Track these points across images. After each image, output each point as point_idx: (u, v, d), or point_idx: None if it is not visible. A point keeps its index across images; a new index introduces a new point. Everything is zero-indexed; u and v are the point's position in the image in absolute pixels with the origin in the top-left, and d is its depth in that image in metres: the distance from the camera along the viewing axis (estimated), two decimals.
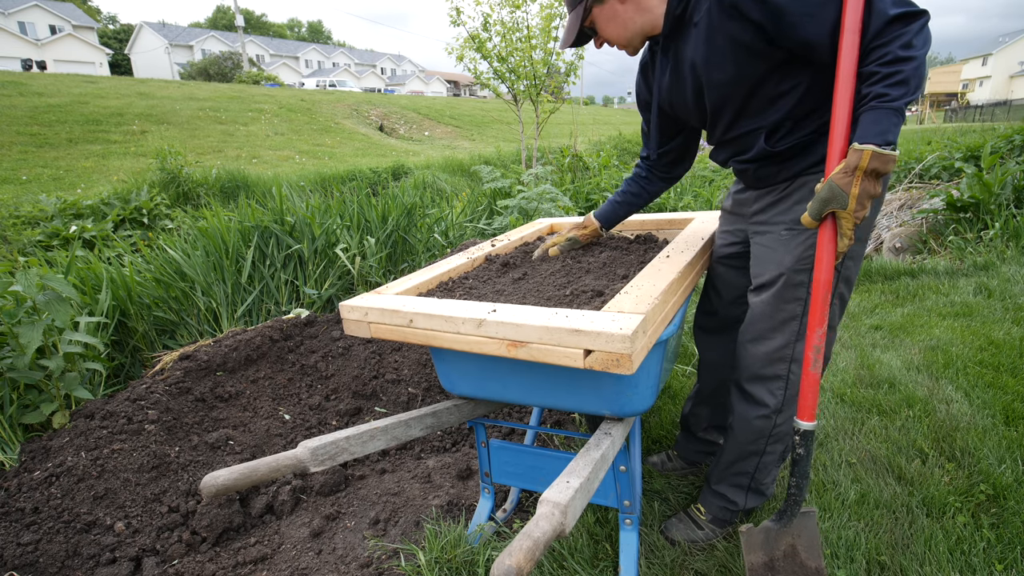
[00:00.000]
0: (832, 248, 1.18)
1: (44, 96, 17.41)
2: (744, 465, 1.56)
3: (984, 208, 4.78)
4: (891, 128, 1.08)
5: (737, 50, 1.25)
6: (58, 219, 7.96)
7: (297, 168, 14.33)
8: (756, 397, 1.47)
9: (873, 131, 1.08)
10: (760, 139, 1.35)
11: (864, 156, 1.07)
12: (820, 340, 1.22)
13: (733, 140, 1.43)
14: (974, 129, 14.39)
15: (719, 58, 1.28)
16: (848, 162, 1.10)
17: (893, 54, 1.08)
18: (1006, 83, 54.72)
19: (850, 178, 1.10)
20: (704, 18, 1.26)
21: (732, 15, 1.22)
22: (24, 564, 1.66)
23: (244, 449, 2.23)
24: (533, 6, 9.32)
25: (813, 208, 1.16)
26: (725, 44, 1.25)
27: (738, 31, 1.23)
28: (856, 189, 1.10)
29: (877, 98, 1.09)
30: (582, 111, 35.49)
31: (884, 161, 1.07)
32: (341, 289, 3.52)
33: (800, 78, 1.28)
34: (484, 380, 1.43)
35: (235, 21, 45.15)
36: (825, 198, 1.14)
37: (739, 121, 1.38)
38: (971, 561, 1.49)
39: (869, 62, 1.12)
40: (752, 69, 1.27)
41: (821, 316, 1.21)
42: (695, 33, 1.30)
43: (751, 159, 1.41)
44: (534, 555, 0.81)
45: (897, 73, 1.08)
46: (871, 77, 1.11)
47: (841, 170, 1.12)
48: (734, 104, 1.34)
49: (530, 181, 6.47)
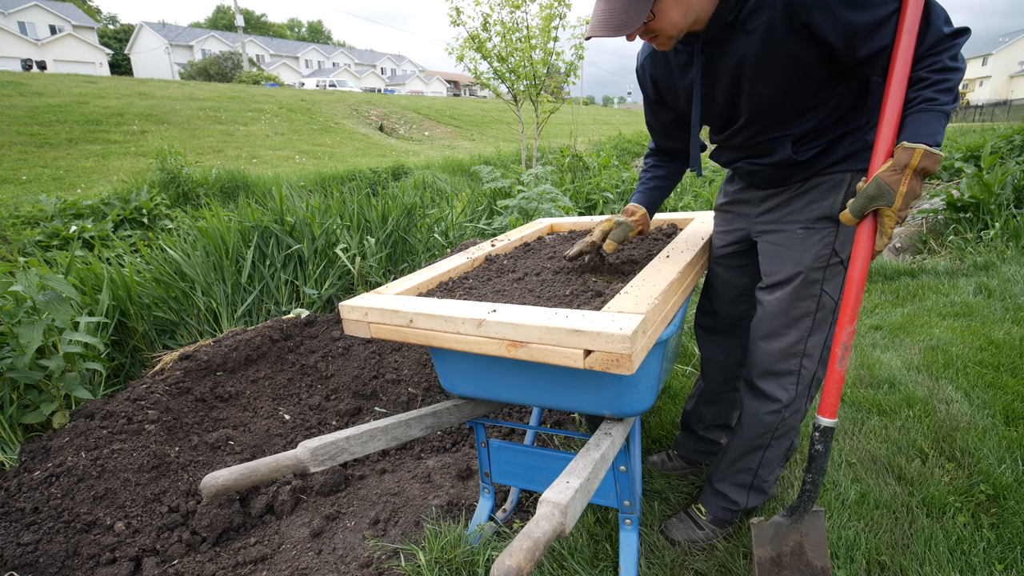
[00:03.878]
0: (870, 246, 1.18)
1: (44, 96, 17.41)
2: (748, 461, 1.56)
3: (984, 208, 4.78)
4: (940, 130, 1.11)
5: (793, 66, 1.23)
6: (58, 219, 7.96)
7: (297, 168, 14.33)
8: (768, 393, 1.47)
9: (924, 131, 1.10)
10: (787, 146, 1.34)
11: (916, 154, 1.09)
12: (849, 338, 1.22)
13: (753, 145, 1.41)
14: (974, 129, 14.39)
15: (771, 71, 1.25)
16: (898, 160, 1.11)
17: (943, 63, 1.12)
18: (1006, 83, 54.75)
19: (899, 176, 1.11)
20: (763, 29, 1.21)
21: (800, 33, 1.19)
22: (24, 564, 1.66)
23: (244, 449, 2.23)
24: (533, 6, 9.31)
25: (857, 205, 1.16)
26: (781, 59, 1.23)
27: (801, 49, 1.20)
28: (904, 187, 1.11)
29: (927, 101, 1.12)
30: (582, 111, 35.49)
31: (934, 161, 1.09)
32: (341, 289, 3.52)
33: (836, 91, 1.28)
34: (484, 380, 1.43)
35: (235, 21, 45.18)
36: (872, 195, 1.14)
37: (768, 129, 1.36)
38: (971, 561, 1.49)
39: (919, 68, 1.14)
40: (799, 83, 1.26)
41: (852, 314, 1.21)
42: (746, 42, 1.24)
43: (770, 163, 1.39)
44: (534, 555, 0.81)
45: (946, 81, 1.12)
46: (921, 82, 1.14)
47: (890, 168, 1.12)
48: (771, 114, 1.33)
49: (530, 181, 6.47)
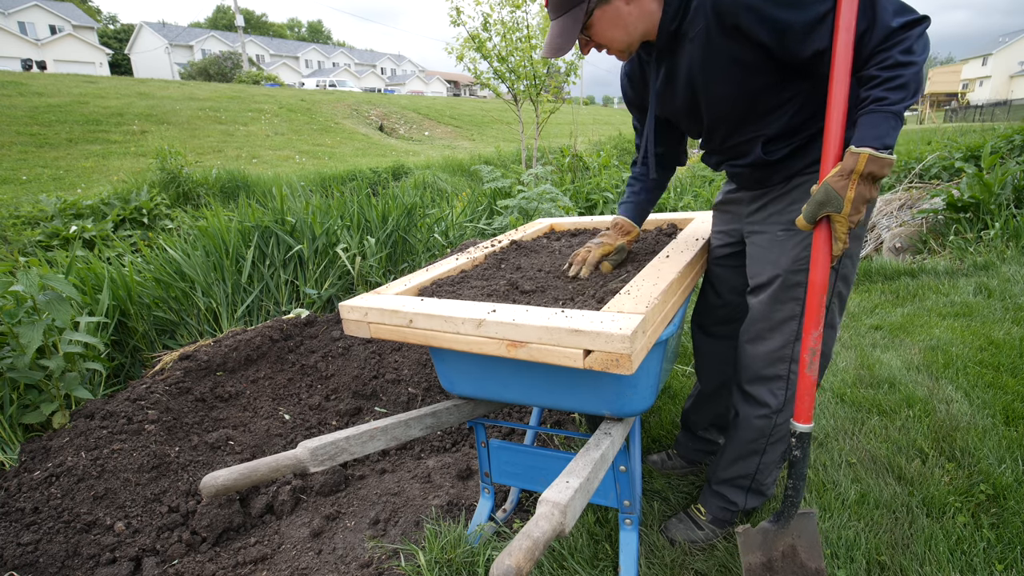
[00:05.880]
0: (827, 251, 1.17)
1: (44, 96, 17.41)
2: (745, 465, 1.56)
3: (984, 208, 4.78)
4: (889, 132, 1.06)
5: (738, 68, 1.23)
6: (58, 219, 7.97)
7: (297, 168, 14.33)
8: (757, 397, 1.46)
9: (871, 135, 1.07)
10: (757, 147, 1.34)
11: (860, 160, 1.06)
12: (816, 343, 1.21)
13: (729, 148, 1.42)
14: (974, 129, 14.39)
15: (719, 75, 1.26)
16: (844, 165, 1.09)
17: (893, 59, 1.07)
18: (1006, 83, 54.69)
19: (846, 181, 1.08)
20: (701, 35, 1.22)
21: (733, 35, 1.19)
22: (24, 564, 1.66)
23: (244, 449, 2.23)
24: (533, 6, 9.33)
25: (808, 211, 1.14)
26: (725, 62, 1.23)
27: (739, 51, 1.20)
28: (852, 193, 1.08)
29: (876, 101, 1.08)
30: (582, 111, 35.48)
31: (881, 165, 1.06)
32: (341, 289, 3.52)
33: (800, 87, 1.26)
34: (484, 380, 1.43)
35: (235, 21, 45.17)
36: (820, 201, 1.12)
37: (736, 131, 1.36)
38: (971, 561, 1.49)
39: (869, 66, 1.10)
40: (753, 85, 1.25)
41: (816, 319, 1.20)
42: (690, 49, 1.26)
43: (747, 164, 1.40)
44: (533, 555, 0.81)
45: (897, 77, 1.07)
46: (871, 81, 1.10)
47: (837, 173, 1.10)
48: (732, 117, 1.33)
49: (530, 181, 6.47)
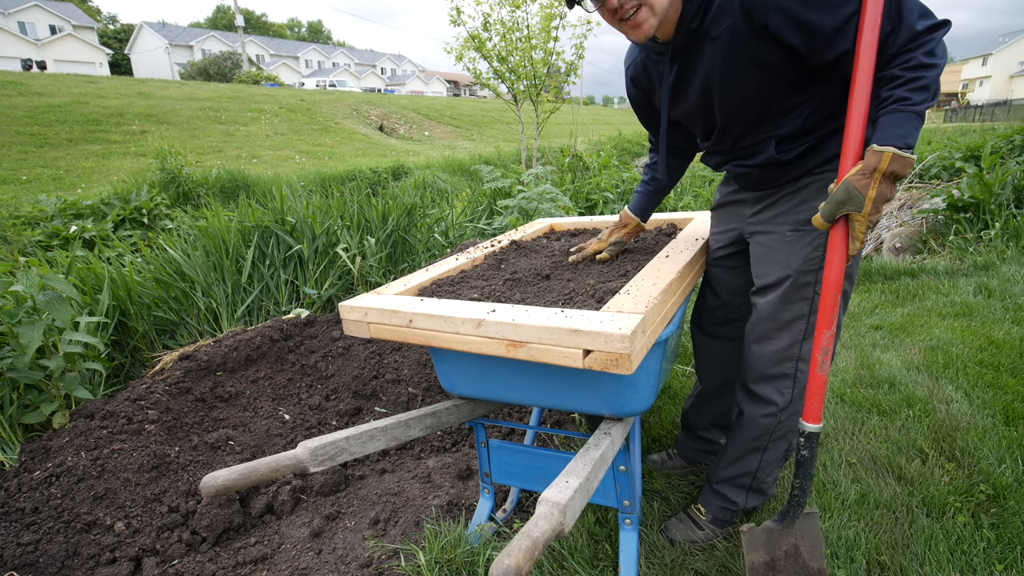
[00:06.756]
0: (843, 250, 1.16)
1: (44, 96, 17.41)
2: (746, 463, 1.56)
3: (984, 208, 4.78)
4: (912, 131, 1.07)
5: (759, 68, 1.22)
6: (58, 219, 7.96)
7: (297, 168, 14.33)
8: (764, 396, 1.46)
9: (894, 133, 1.07)
10: (770, 147, 1.33)
11: (884, 158, 1.06)
12: (828, 342, 1.21)
13: (740, 148, 1.41)
14: (974, 129, 14.39)
15: (740, 76, 1.24)
16: (867, 164, 1.08)
17: (917, 60, 1.08)
18: (1006, 83, 54.68)
19: (868, 180, 1.08)
20: (725, 35, 1.20)
21: (760, 35, 1.17)
22: (24, 564, 1.66)
23: (244, 449, 2.23)
24: (533, 6, 9.30)
25: (827, 210, 1.14)
26: (747, 62, 1.22)
27: (766, 51, 1.19)
28: (873, 192, 1.08)
29: (899, 101, 1.08)
30: (582, 111, 35.48)
31: (903, 164, 1.06)
32: (341, 289, 3.52)
33: (817, 88, 1.26)
34: (484, 380, 1.43)
35: (235, 21, 45.18)
36: (840, 199, 1.11)
37: (751, 132, 1.35)
38: (971, 561, 1.49)
39: (892, 66, 1.10)
40: (772, 86, 1.24)
41: (830, 318, 1.20)
42: (712, 48, 1.24)
43: (756, 165, 1.39)
44: (533, 555, 0.80)
45: (920, 79, 1.07)
46: (893, 81, 1.10)
47: (858, 172, 1.09)
48: (748, 117, 1.32)
49: (530, 181, 6.47)
